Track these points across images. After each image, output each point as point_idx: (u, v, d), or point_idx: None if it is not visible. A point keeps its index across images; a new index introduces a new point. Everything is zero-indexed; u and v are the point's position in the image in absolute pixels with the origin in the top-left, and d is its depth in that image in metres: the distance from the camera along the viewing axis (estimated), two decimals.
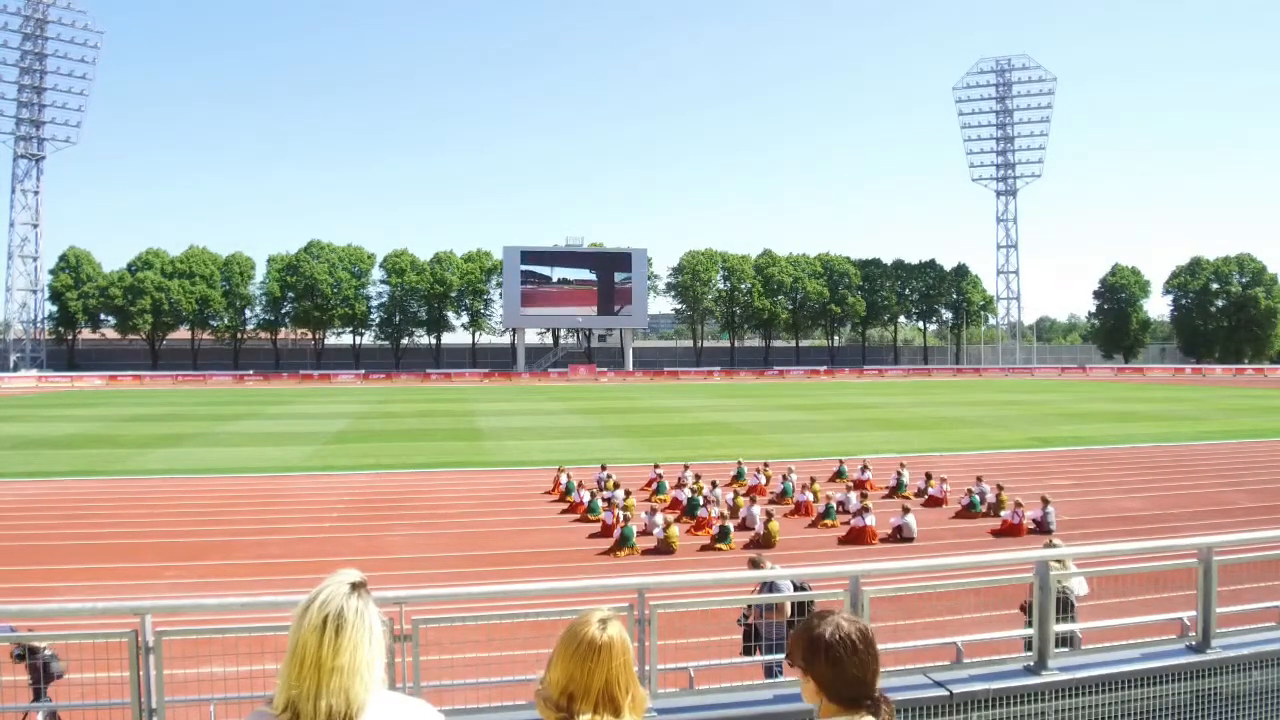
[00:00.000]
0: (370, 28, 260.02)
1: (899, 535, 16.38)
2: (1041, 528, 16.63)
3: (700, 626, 7.10)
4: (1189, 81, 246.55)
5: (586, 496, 18.55)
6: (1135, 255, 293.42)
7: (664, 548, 15.44)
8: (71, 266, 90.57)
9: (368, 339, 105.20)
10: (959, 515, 18.43)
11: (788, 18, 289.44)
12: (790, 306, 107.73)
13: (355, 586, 1.93)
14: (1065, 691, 4.73)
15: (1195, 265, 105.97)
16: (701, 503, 17.97)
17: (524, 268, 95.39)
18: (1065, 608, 6.48)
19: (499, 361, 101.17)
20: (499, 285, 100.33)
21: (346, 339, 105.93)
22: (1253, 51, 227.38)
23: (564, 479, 20.43)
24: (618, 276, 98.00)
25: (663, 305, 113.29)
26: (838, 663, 2.16)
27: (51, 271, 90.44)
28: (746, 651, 6.99)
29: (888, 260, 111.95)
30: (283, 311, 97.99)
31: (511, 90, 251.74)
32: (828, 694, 2.19)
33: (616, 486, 19.44)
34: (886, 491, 20.81)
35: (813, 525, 17.73)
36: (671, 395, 60.87)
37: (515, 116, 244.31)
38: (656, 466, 22.13)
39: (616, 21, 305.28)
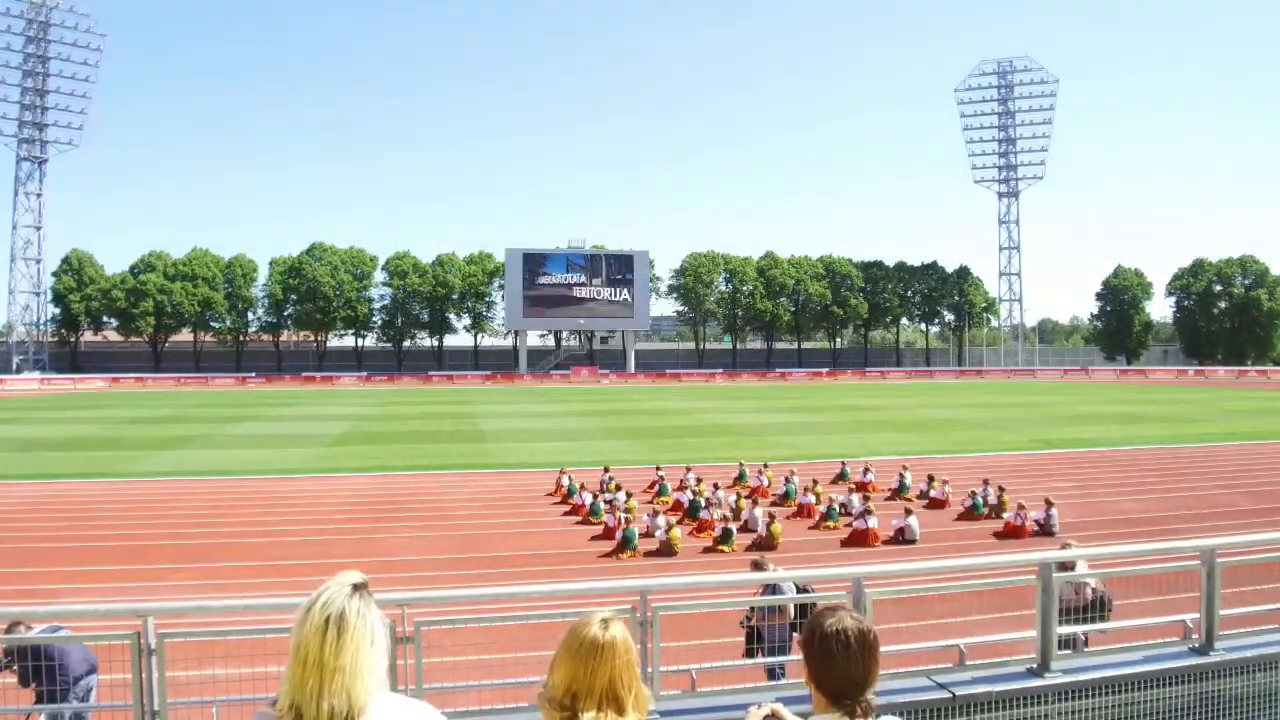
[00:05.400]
0: (374, 29, 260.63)
1: (901, 537, 16.36)
2: (1044, 529, 16.62)
3: (702, 628, 7.10)
4: (1192, 82, 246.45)
5: (588, 499, 18.54)
6: (1138, 257, 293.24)
7: (666, 550, 15.42)
8: (74, 269, 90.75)
9: (370, 341, 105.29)
10: (961, 517, 18.42)
11: (790, 17, 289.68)
12: (792, 308, 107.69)
13: (357, 588, 1.94)
14: (1068, 694, 4.73)
15: (1198, 267, 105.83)
16: (703, 505, 17.95)
17: (526, 270, 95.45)
18: (1102, 606, 6.52)
19: (501, 363, 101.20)
20: (501, 287, 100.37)
21: (349, 341, 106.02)
22: (1257, 52, 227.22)
23: (566, 481, 20.44)
24: (619, 279, 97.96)
25: (665, 307, 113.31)
26: (829, 655, 2.21)
27: (54, 274, 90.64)
28: (749, 653, 6.99)
29: (890, 262, 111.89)
30: (285, 314, 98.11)
31: (513, 92, 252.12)
32: (817, 684, 2.25)
33: (618, 489, 19.43)
34: (889, 493, 20.80)
35: (815, 527, 17.73)
36: (673, 397, 60.85)
37: (517, 119, 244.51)
38: (658, 468, 22.11)
39: (618, 23, 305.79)
